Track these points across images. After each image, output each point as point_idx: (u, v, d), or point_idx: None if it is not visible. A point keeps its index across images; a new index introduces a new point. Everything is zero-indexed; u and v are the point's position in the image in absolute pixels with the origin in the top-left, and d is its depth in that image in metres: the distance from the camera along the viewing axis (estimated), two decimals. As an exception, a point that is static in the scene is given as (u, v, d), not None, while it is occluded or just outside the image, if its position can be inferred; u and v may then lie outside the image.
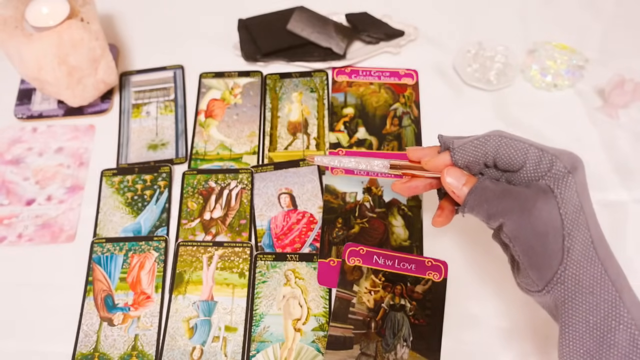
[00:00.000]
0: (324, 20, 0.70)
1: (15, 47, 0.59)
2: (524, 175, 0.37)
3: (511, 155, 0.37)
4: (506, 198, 0.37)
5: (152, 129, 0.66)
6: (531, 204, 0.36)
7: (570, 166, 0.36)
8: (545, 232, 0.35)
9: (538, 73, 0.66)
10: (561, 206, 0.35)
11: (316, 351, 0.51)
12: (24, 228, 0.59)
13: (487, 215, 0.38)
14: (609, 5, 0.74)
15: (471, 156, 0.38)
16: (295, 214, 0.58)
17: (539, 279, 0.36)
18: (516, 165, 0.37)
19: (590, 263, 0.35)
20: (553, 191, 0.35)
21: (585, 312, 0.35)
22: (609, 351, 0.34)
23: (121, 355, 0.52)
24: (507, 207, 0.37)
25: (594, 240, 0.35)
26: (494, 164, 0.38)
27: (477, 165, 0.39)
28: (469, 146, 0.39)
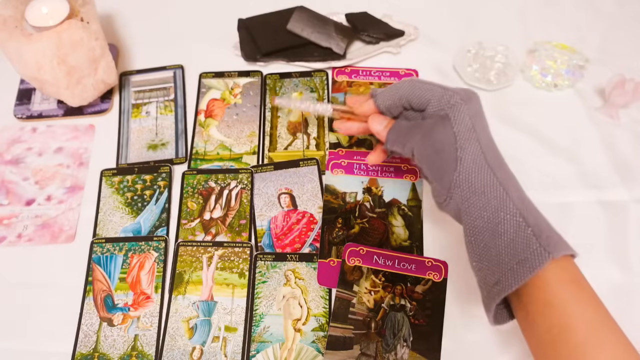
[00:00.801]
0: (324, 20, 0.69)
1: (15, 47, 0.58)
2: (430, 110, 0.45)
3: (420, 95, 0.45)
4: (414, 129, 0.45)
5: (152, 129, 0.66)
6: (431, 128, 0.43)
7: (466, 98, 0.43)
8: (442, 147, 0.42)
9: (538, 73, 0.66)
10: (454, 126, 0.42)
11: (316, 351, 0.50)
12: (24, 228, 0.59)
13: (402, 145, 0.46)
14: (609, 5, 0.74)
15: (389, 100, 0.47)
16: (295, 214, 0.58)
17: (441, 188, 0.43)
18: (424, 103, 0.45)
19: (479, 168, 0.41)
20: (449, 116, 0.43)
21: (479, 209, 0.41)
22: (500, 239, 0.39)
23: (121, 355, 0.51)
24: (414, 135, 0.45)
25: (484, 151, 0.42)
26: (410, 105, 0.46)
27: (396, 108, 0.47)
28: (387, 92, 0.47)
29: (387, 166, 0.60)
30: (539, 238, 0.38)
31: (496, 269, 0.39)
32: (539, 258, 0.37)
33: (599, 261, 0.55)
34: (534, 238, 0.38)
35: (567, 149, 0.62)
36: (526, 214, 0.39)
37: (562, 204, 0.58)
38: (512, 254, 0.38)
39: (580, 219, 0.57)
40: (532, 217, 0.39)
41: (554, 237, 0.39)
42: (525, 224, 0.39)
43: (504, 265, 0.38)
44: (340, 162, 0.60)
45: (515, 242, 0.38)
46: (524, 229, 0.38)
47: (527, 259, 0.37)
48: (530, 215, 0.39)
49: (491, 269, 0.40)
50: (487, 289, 0.40)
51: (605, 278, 0.54)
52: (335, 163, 0.60)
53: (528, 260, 0.37)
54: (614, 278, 0.54)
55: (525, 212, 0.39)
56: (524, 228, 0.38)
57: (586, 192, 0.59)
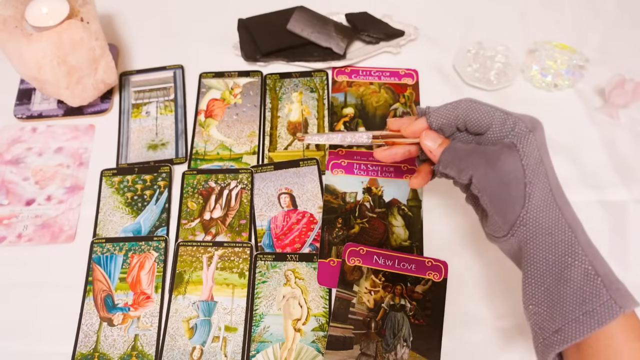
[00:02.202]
0: (324, 20, 0.69)
1: (15, 47, 0.58)
2: (490, 135, 0.42)
3: (479, 118, 0.42)
4: (475, 154, 0.42)
5: (152, 128, 0.66)
6: (496, 157, 0.40)
7: (531, 126, 0.41)
8: (509, 180, 0.39)
9: (538, 73, 0.66)
10: (523, 158, 0.39)
11: (316, 351, 0.50)
12: (24, 228, 0.59)
13: (459, 170, 0.42)
14: (609, 5, 0.74)
15: (444, 119, 0.43)
16: (295, 214, 0.58)
17: (504, 223, 0.40)
18: (483, 127, 0.42)
19: (548, 207, 0.39)
20: (516, 146, 0.40)
21: (544, 251, 0.38)
22: (566, 285, 0.37)
23: (121, 355, 0.51)
24: (475, 161, 0.41)
25: (552, 188, 0.39)
26: (465, 127, 0.43)
27: (449, 127, 0.43)
28: (442, 110, 0.43)
29: (387, 166, 0.60)
30: (609, 289, 0.36)
31: (558, 316, 0.37)
32: (609, 311, 0.35)
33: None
34: (604, 289, 0.35)
35: (567, 149, 0.62)
36: (595, 262, 0.37)
37: (562, 204, 0.58)
38: (579, 304, 0.36)
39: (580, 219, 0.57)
40: (600, 266, 0.37)
41: (622, 289, 0.36)
42: (595, 273, 0.36)
43: (568, 314, 0.36)
44: (340, 162, 0.61)
45: (583, 292, 0.36)
46: (593, 278, 0.36)
47: (596, 310, 0.35)
48: (599, 263, 0.37)
49: (552, 316, 0.37)
50: (543, 336, 0.38)
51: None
52: (335, 163, 0.60)
53: (597, 312, 0.35)
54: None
55: (594, 259, 0.37)
56: (593, 277, 0.36)
57: (586, 192, 0.59)
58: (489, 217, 0.42)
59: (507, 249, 0.42)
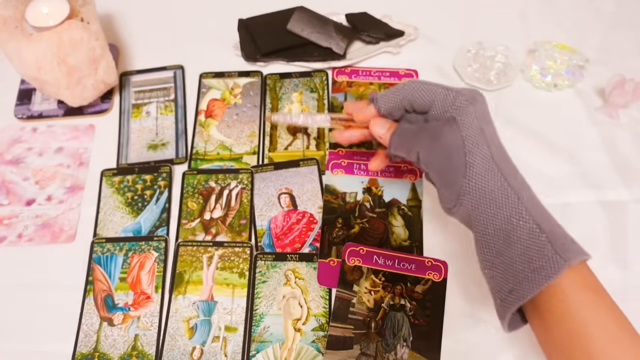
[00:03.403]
0: (324, 20, 0.69)
1: (15, 47, 0.58)
2: (434, 112, 0.43)
3: (422, 97, 0.44)
4: (420, 133, 0.44)
5: (152, 129, 0.66)
6: (438, 131, 0.42)
7: (471, 98, 0.42)
8: (450, 152, 0.41)
9: (538, 73, 0.66)
10: (462, 129, 0.41)
11: (316, 351, 0.51)
12: (24, 228, 0.59)
13: (407, 150, 0.44)
14: (609, 5, 0.74)
15: (391, 103, 0.45)
16: (295, 214, 0.58)
17: (450, 194, 0.42)
18: (427, 105, 0.44)
19: (490, 174, 0.40)
20: (455, 119, 0.41)
21: (490, 216, 0.39)
22: (514, 246, 0.38)
23: (121, 355, 0.52)
24: (421, 139, 0.43)
25: (493, 155, 0.40)
26: (411, 107, 0.45)
27: (397, 110, 0.46)
28: (388, 95, 0.46)
29: (387, 166, 0.60)
30: (554, 245, 0.37)
31: (510, 277, 0.38)
32: (555, 266, 0.36)
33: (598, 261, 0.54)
34: (549, 245, 0.37)
35: (567, 149, 0.62)
36: (540, 220, 0.38)
37: (562, 204, 0.58)
38: (527, 262, 0.37)
39: (580, 219, 0.57)
40: (546, 223, 0.38)
41: (569, 243, 0.38)
42: (540, 231, 0.37)
43: (518, 274, 0.37)
44: (340, 162, 0.61)
45: (530, 250, 0.37)
46: (537, 235, 0.37)
47: (543, 267, 0.36)
48: (545, 221, 0.38)
49: (505, 277, 0.38)
50: (500, 297, 0.39)
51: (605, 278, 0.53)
52: (335, 163, 0.61)
53: (543, 268, 0.36)
54: (613, 278, 0.54)
55: (539, 218, 0.38)
56: (537, 235, 0.37)
57: (586, 192, 0.59)
58: (438, 191, 0.44)
59: (460, 218, 0.43)
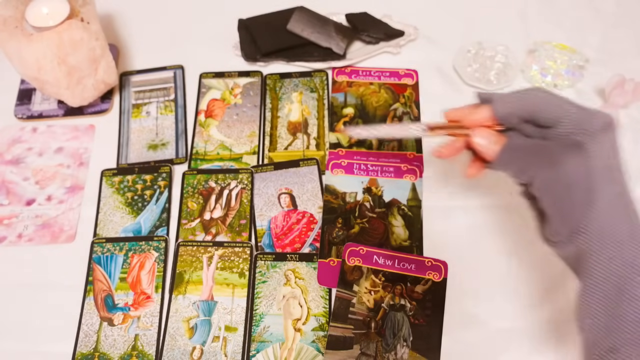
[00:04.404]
0: (324, 20, 0.69)
1: (15, 47, 0.58)
2: (560, 130, 0.38)
3: (550, 111, 0.38)
4: (537, 153, 0.38)
5: (152, 129, 0.66)
6: (561, 157, 0.37)
7: (604, 124, 0.37)
8: (573, 184, 0.36)
9: (538, 73, 0.66)
10: (589, 160, 0.36)
11: (316, 351, 0.51)
12: (24, 228, 0.59)
13: (518, 170, 0.39)
14: (609, 5, 0.74)
15: (511, 108, 0.39)
16: (295, 214, 0.58)
17: (563, 228, 0.37)
18: (553, 121, 0.38)
19: (614, 215, 0.36)
20: (583, 146, 0.36)
21: (606, 262, 0.35)
22: (629, 303, 0.34)
23: (121, 355, 0.52)
24: (537, 161, 0.38)
25: (619, 194, 0.36)
26: (532, 118, 0.39)
27: (514, 118, 0.39)
28: (510, 98, 0.40)
29: (387, 166, 0.60)
30: None
31: (616, 335, 0.34)
32: None
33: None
34: None
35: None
36: None
37: (562, 204, 0.58)
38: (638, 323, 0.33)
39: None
40: None
41: None
42: None
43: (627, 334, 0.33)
44: (340, 162, 0.61)
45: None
46: None
47: None
48: None
49: (608, 333, 0.34)
50: (597, 352, 0.35)
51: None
52: (335, 163, 0.61)
53: None
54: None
55: None
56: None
57: (586, 192, 0.59)
58: (548, 221, 0.39)
59: (564, 254, 0.39)
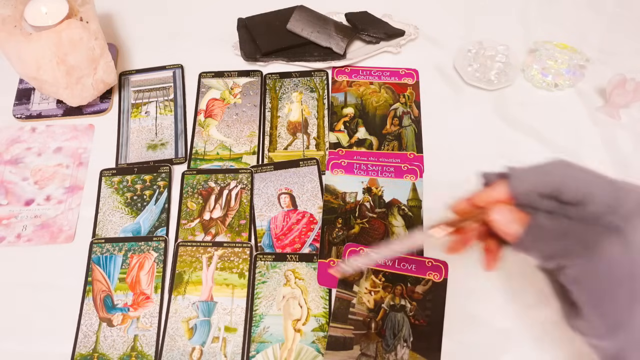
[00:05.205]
0: (324, 20, 0.69)
1: (14, 47, 0.58)
2: (588, 210, 0.33)
3: (576, 188, 0.33)
4: (567, 238, 0.33)
5: (151, 128, 0.66)
6: (598, 244, 0.32)
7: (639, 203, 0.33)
8: (613, 277, 0.32)
9: (539, 73, 0.66)
10: (632, 249, 0.31)
11: (316, 352, 0.50)
12: (23, 228, 0.59)
13: (545, 256, 0.35)
14: (609, 5, 0.74)
15: (532, 185, 0.35)
16: (295, 214, 0.58)
17: (602, 324, 0.33)
18: (581, 198, 0.33)
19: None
20: (623, 232, 0.32)
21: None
22: None
23: (120, 355, 0.51)
24: (568, 248, 0.33)
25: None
26: (556, 195, 0.34)
27: (534, 195, 0.35)
28: (530, 174, 0.35)
29: (387, 166, 0.60)
30: None
31: None
32: None
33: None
34: None
35: (567, 148, 0.62)
36: None
37: (562, 204, 0.58)
38: None
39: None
40: None
41: None
42: None
43: None
44: (340, 162, 0.60)
45: None
46: None
47: None
48: None
49: None
50: None
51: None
52: (335, 163, 0.60)
53: None
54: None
55: None
56: None
57: (587, 192, 0.59)
58: (583, 314, 0.34)
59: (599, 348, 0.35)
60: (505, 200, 0.36)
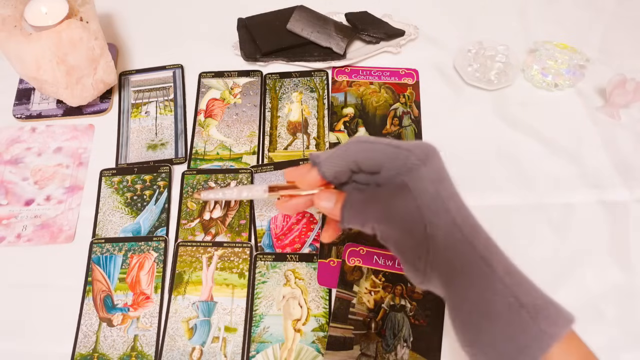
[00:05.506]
0: (324, 20, 0.69)
1: (14, 47, 0.58)
2: (385, 174, 0.38)
3: (370, 157, 0.38)
4: (370, 204, 0.38)
5: (151, 128, 0.66)
6: (390, 201, 0.37)
7: (423, 157, 0.37)
8: (407, 225, 0.36)
9: (539, 73, 0.66)
10: (417, 197, 0.36)
11: (316, 352, 0.50)
12: (23, 228, 0.59)
13: (361, 223, 0.39)
14: (609, 5, 0.74)
15: (336, 167, 0.39)
16: (295, 214, 0.58)
17: (416, 269, 0.37)
18: (376, 165, 0.38)
19: (455, 244, 0.36)
20: (407, 185, 0.36)
21: (463, 289, 0.35)
22: (494, 323, 0.34)
23: (120, 355, 0.51)
24: (373, 211, 0.38)
25: (457, 221, 0.36)
26: (359, 168, 0.39)
27: (344, 174, 0.39)
28: (333, 158, 0.39)
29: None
30: (536, 319, 0.33)
31: (495, 357, 0.34)
32: (541, 343, 0.32)
33: (600, 261, 0.55)
34: (530, 321, 0.33)
35: (567, 149, 0.62)
36: (517, 290, 0.34)
37: (563, 204, 0.58)
38: (510, 340, 0.33)
39: (581, 219, 0.57)
40: (523, 293, 0.34)
41: (552, 315, 0.34)
42: (519, 304, 0.33)
43: (503, 354, 0.34)
44: (340, 162, 0.60)
45: (511, 326, 0.33)
46: (517, 310, 0.33)
47: (529, 346, 0.33)
48: (522, 290, 0.34)
49: (488, 357, 0.34)
50: None
51: (607, 278, 0.54)
52: (335, 163, 0.60)
53: (530, 347, 0.33)
54: (615, 278, 0.54)
55: (516, 288, 0.34)
56: (517, 309, 0.33)
57: (587, 192, 0.59)
58: (403, 266, 0.39)
59: (432, 290, 0.38)
60: (319, 184, 0.40)
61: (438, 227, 0.36)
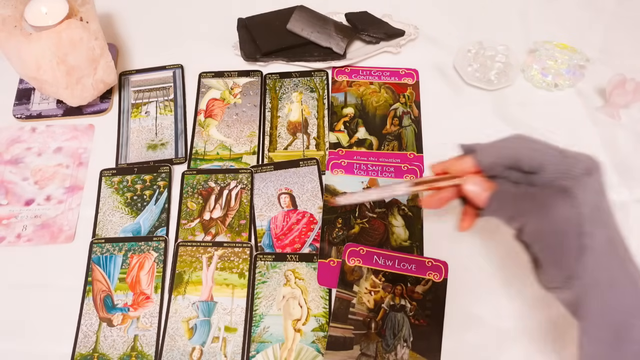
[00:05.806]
0: (324, 20, 0.69)
1: (14, 47, 0.58)
2: (544, 176, 0.38)
3: (532, 157, 0.38)
4: (525, 200, 0.38)
5: (151, 128, 0.66)
6: (549, 204, 0.37)
7: (589, 168, 0.37)
8: (564, 230, 0.36)
9: (539, 73, 0.66)
10: (578, 206, 0.36)
11: (316, 352, 0.50)
12: (23, 228, 0.59)
13: (508, 217, 0.40)
14: (609, 5, 0.74)
15: (494, 157, 0.40)
16: (295, 214, 0.58)
17: (558, 275, 0.37)
18: (536, 167, 0.38)
19: (607, 260, 0.36)
20: (571, 191, 0.36)
21: (603, 307, 0.36)
22: (627, 346, 0.34)
23: (120, 355, 0.51)
24: (527, 208, 0.38)
25: (611, 238, 0.36)
26: (516, 165, 0.39)
27: (499, 166, 0.40)
28: (491, 148, 0.40)
29: (387, 166, 0.60)
30: None
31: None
32: None
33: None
34: None
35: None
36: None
37: (562, 204, 0.58)
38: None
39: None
40: None
41: None
42: None
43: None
44: (340, 162, 0.60)
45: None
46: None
47: None
48: None
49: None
50: None
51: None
52: (335, 163, 0.60)
53: None
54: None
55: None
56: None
57: (587, 192, 0.59)
58: (543, 268, 0.39)
59: (563, 301, 0.39)
60: (474, 171, 0.41)
61: (595, 240, 0.36)
